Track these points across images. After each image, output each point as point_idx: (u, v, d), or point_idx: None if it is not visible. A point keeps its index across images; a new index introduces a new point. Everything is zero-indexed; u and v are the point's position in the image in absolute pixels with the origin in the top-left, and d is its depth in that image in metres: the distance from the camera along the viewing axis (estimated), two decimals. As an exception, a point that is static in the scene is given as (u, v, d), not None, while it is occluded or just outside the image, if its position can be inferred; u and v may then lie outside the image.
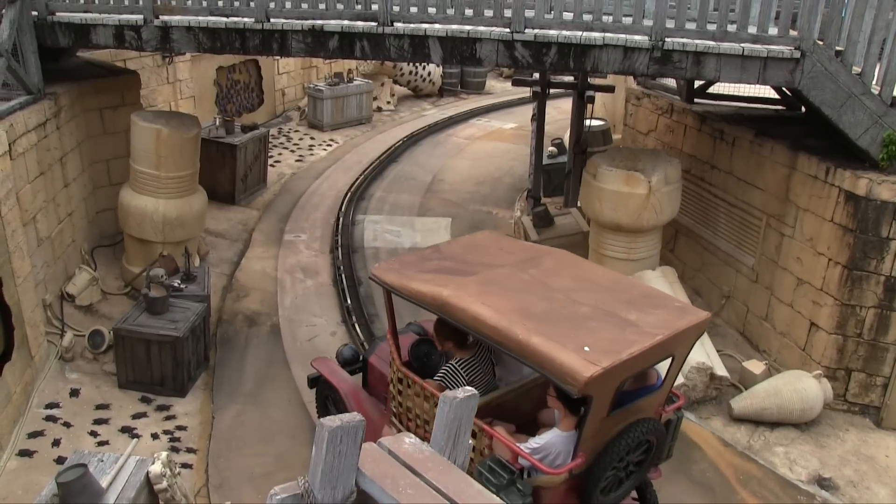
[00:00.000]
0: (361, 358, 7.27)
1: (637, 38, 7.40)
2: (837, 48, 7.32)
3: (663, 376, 5.53)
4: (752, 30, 7.33)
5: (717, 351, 8.48)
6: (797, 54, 7.17)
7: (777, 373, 8.26)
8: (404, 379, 5.96)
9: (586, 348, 4.79)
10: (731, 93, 10.36)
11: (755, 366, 8.37)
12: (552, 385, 5.09)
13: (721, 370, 8.15)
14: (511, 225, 13.11)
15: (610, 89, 12.12)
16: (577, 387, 4.67)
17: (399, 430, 6.10)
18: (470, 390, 3.50)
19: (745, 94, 10.29)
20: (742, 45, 7.22)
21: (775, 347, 8.70)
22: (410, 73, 21.10)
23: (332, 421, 3.10)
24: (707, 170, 9.77)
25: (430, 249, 6.51)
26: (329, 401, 7.20)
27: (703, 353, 8.11)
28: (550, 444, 5.16)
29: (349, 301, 10.20)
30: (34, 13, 8.53)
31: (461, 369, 5.86)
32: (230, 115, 15.60)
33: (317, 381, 7.29)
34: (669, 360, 5.35)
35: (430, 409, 5.69)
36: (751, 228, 9.05)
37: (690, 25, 7.39)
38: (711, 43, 7.24)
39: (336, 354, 7.45)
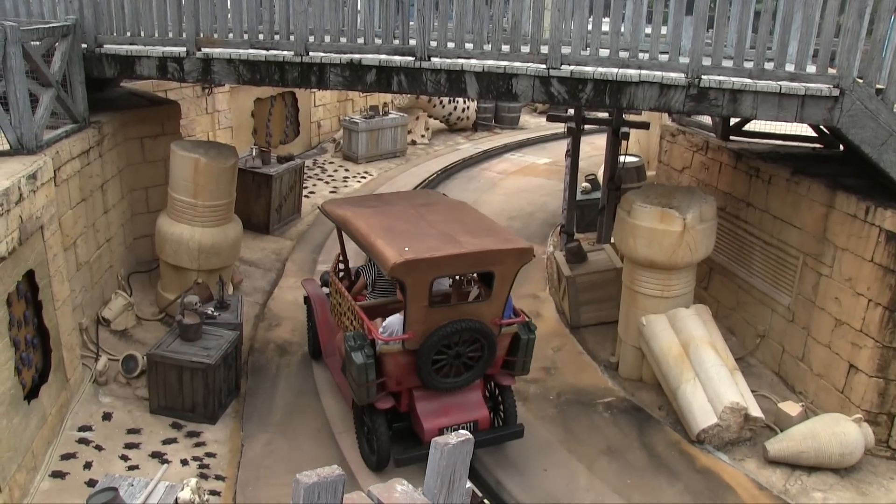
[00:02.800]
0: None
1: (673, 75, 7.42)
2: (878, 86, 7.29)
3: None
4: (790, 67, 7.33)
5: (752, 391, 8.35)
6: (836, 92, 7.15)
7: (814, 415, 8.11)
8: (332, 284, 8.54)
9: (406, 248, 6.80)
10: (767, 130, 10.33)
11: (791, 407, 8.23)
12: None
13: (756, 411, 8.03)
14: (544, 260, 13.11)
15: (645, 126, 12.13)
16: (386, 270, 6.76)
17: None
18: (464, 434, 3.35)
19: (782, 132, 10.25)
20: (779, 83, 7.23)
21: (812, 389, 8.56)
22: (445, 107, 21.33)
23: (308, 477, 2.86)
24: (742, 208, 9.72)
25: (375, 195, 9.02)
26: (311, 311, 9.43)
27: (737, 394, 8.01)
28: (391, 323, 7.25)
29: (380, 332, 10.17)
30: (83, 45, 8.82)
31: (376, 266, 8.32)
32: (266, 146, 15.87)
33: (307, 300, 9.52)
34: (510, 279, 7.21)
35: (339, 302, 8.30)
36: (787, 267, 8.97)
37: (727, 63, 7.42)
38: (748, 81, 7.26)
39: (320, 277, 9.54)
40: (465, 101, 21.72)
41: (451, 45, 7.97)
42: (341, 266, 9.02)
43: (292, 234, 13.76)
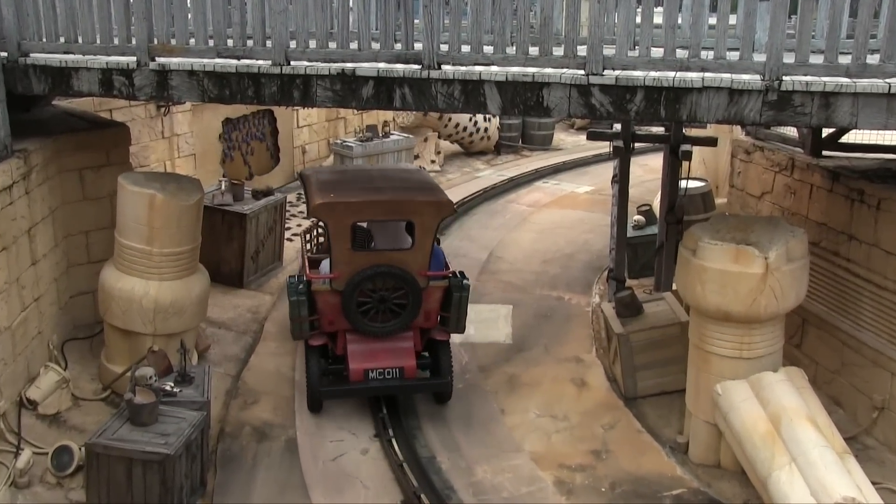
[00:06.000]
0: None
1: (746, 77, 7.32)
2: None
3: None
4: (904, 59, 7.18)
5: (873, 483, 8.03)
6: (969, 90, 6.96)
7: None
8: (301, 239, 12.47)
9: (332, 195, 9.50)
10: (872, 142, 10.24)
11: (927, 504, 7.91)
12: None
13: (877, 508, 7.72)
14: (588, 314, 12.99)
15: (711, 142, 12.07)
16: (309, 211, 9.70)
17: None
18: None
19: (893, 144, 10.14)
20: (888, 80, 7.04)
21: (949, 477, 8.27)
22: (460, 125, 21.38)
23: None
24: (843, 241, 9.57)
25: (352, 167, 13.39)
26: None
27: (852, 485, 7.70)
28: (324, 265, 10.03)
29: (385, 410, 10.11)
30: (3, 54, 8.85)
31: None
32: (239, 176, 15.88)
33: None
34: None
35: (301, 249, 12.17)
36: (907, 318, 8.79)
37: (816, 59, 7.28)
38: (845, 80, 7.10)
39: None
40: (484, 118, 21.75)
41: (465, 48, 7.93)
42: (319, 230, 12.36)
43: (272, 287, 13.68)
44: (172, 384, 8.77)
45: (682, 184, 11.65)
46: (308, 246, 12.14)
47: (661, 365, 10.49)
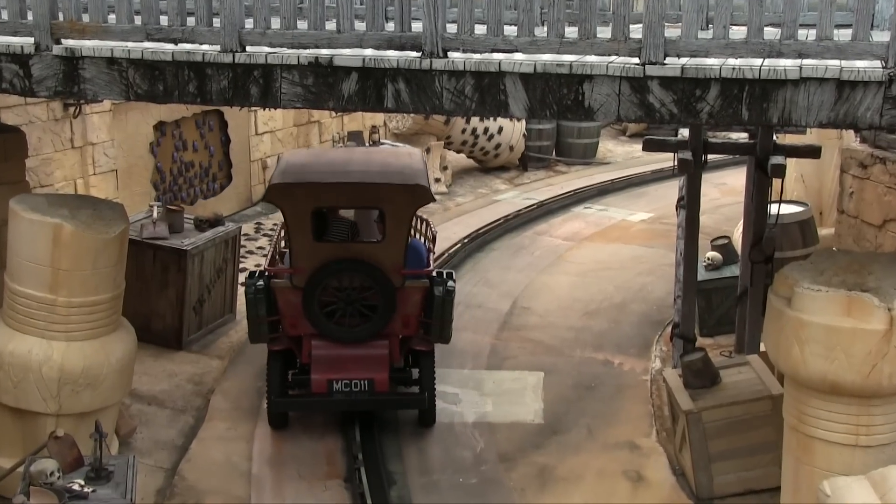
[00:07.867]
0: None
1: (861, 64, 7.29)
2: None
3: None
4: None
5: None
6: None
7: None
8: (276, 231, 13.92)
9: (291, 177, 10.97)
10: None
11: None
12: None
13: None
14: (646, 384, 13.02)
15: (812, 153, 12.05)
16: (264, 195, 11.75)
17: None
18: None
19: None
20: None
21: None
22: (473, 131, 21.45)
23: None
24: None
25: (342, 149, 16.31)
26: None
27: None
28: (287, 260, 11.44)
29: (373, 512, 10.16)
30: None
31: None
32: (177, 201, 15.87)
33: None
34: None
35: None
36: None
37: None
38: None
39: None
40: (508, 122, 21.81)
41: (480, 29, 7.90)
42: None
43: (221, 349, 13.78)
44: (83, 482, 8.64)
45: (773, 209, 11.74)
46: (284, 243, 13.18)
47: (745, 454, 10.50)
